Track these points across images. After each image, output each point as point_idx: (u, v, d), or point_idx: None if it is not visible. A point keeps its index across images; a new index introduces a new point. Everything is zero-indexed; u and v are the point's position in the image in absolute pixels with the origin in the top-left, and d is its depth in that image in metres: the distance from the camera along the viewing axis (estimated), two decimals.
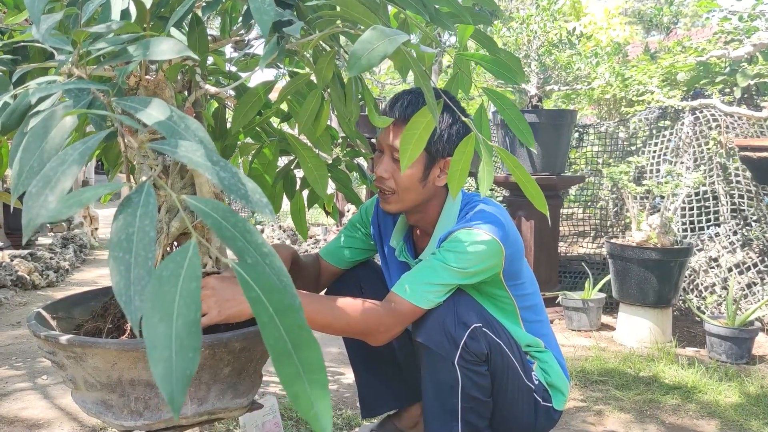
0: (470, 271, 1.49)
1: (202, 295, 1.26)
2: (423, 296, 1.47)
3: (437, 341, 1.48)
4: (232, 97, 1.53)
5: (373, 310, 1.47)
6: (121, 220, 0.53)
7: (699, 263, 3.65)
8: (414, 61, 1.02)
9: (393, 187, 1.57)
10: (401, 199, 1.59)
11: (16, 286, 4.19)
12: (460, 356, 1.46)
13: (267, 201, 0.56)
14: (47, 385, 2.51)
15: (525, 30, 3.70)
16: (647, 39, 9.94)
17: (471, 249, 1.48)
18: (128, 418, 1.24)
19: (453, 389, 1.48)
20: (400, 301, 1.48)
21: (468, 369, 1.47)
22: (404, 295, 1.48)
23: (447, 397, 1.49)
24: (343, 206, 5.74)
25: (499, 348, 1.52)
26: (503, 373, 1.53)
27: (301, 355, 0.52)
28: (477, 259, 1.48)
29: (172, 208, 1.36)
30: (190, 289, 0.50)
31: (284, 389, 0.52)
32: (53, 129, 0.65)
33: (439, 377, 1.49)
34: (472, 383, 1.48)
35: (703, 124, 3.82)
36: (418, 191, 1.57)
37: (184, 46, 0.79)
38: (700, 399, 2.44)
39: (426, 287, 1.48)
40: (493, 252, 1.50)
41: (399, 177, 1.55)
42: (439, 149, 1.54)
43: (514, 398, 1.56)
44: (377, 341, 1.50)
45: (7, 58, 1.16)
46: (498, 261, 1.52)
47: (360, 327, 1.45)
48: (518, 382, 1.56)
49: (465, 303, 1.51)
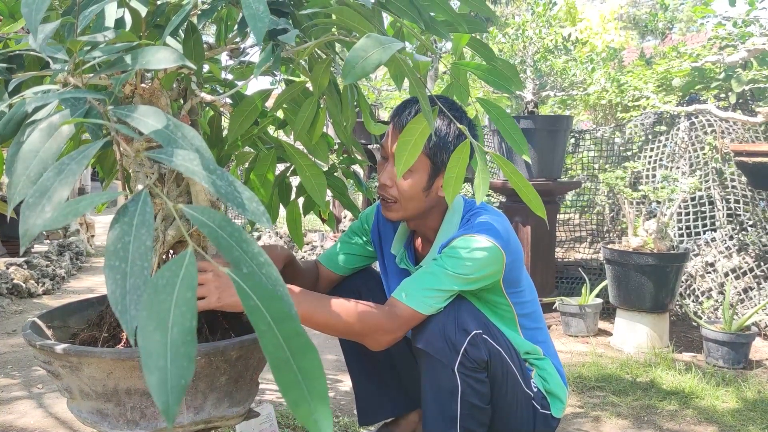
0: (472, 278, 1.49)
1: (203, 278, 1.25)
2: (423, 301, 1.47)
3: (437, 347, 1.47)
4: (228, 104, 1.53)
5: (373, 312, 1.47)
6: (117, 229, 0.53)
7: (695, 268, 3.66)
8: (409, 68, 1.03)
9: (396, 196, 1.57)
10: (403, 208, 1.58)
11: (12, 294, 4.18)
12: (460, 363, 1.46)
13: (264, 209, 0.57)
14: (43, 394, 2.50)
15: (521, 36, 3.71)
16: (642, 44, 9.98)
17: (472, 255, 1.48)
18: (124, 427, 1.24)
19: (452, 395, 1.48)
20: (400, 305, 1.47)
21: (468, 376, 1.47)
22: (404, 300, 1.47)
23: (446, 404, 1.48)
24: (340, 213, 5.73)
25: (499, 355, 1.52)
26: (503, 380, 1.53)
27: (300, 363, 0.52)
28: (478, 265, 1.48)
29: (167, 216, 1.36)
30: (186, 299, 0.50)
31: (283, 396, 0.52)
32: (50, 138, 0.65)
33: (439, 383, 1.49)
34: (471, 390, 1.48)
35: (699, 129, 3.83)
36: (420, 200, 1.57)
37: (180, 56, 0.79)
38: (698, 404, 2.44)
39: (426, 293, 1.47)
40: (495, 259, 1.50)
41: (403, 186, 1.55)
42: (445, 160, 1.52)
43: (513, 405, 1.56)
44: (376, 344, 1.49)
45: (2, 67, 1.16)
46: (499, 268, 1.52)
47: (358, 328, 1.44)
48: (517, 390, 1.56)
49: (465, 309, 1.51)
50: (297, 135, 1.43)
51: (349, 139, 1.59)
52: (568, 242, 4.64)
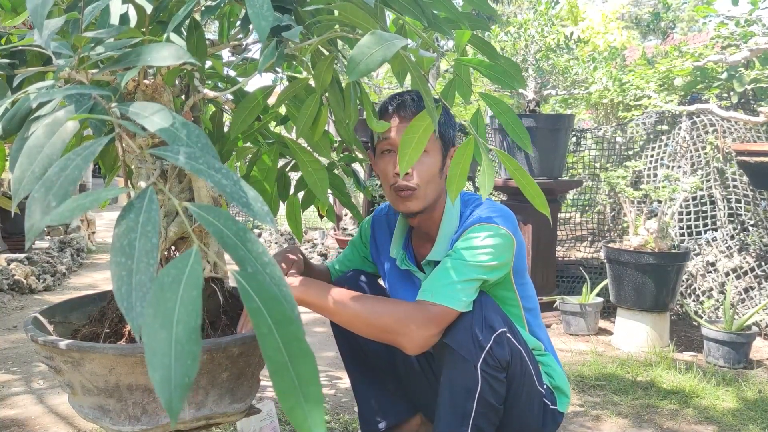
0: (492, 265, 1.48)
1: None
2: (452, 296, 1.44)
3: (463, 343, 1.45)
4: (230, 101, 1.53)
5: (405, 305, 1.46)
6: (123, 226, 0.53)
7: (696, 268, 3.66)
8: (413, 65, 1.02)
9: (417, 183, 1.56)
10: (424, 194, 1.57)
11: (13, 290, 4.18)
12: (484, 361, 1.44)
13: (268, 210, 0.56)
14: (44, 390, 2.50)
15: (523, 35, 3.71)
16: (644, 44, 9.98)
17: (488, 243, 1.48)
18: (126, 423, 1.24)
19: (470, 393, 1.45)
20: (430, 304, 1.45)
21: (489, 374, 1.45)
22: (433, 299, 1.45)
23: (462, 400, 1.47)
24: (341, 210, 5.72)
25: (520, 355, 1.51)
26: (521, 380, 1.52)
27: (297, 368, 0.52)
28: (497, 252, 1.48)
29: (169, 212, 1.36)
30: (192, 297, 0.50)
31: (279, 401, 0.52)
32: (55, 134, 0.65)
33: (459, 379, 1.47)
34: (489, 389, 1.46)
35: (701, 128, 3.83)
36: (438, 183, 1.58)
37: (185, 52, 0.79)
38: (698, 404, 2.44)
39: (453, 287, 1.45)
40: (509, 245, 1.51)
41: (422, 170, 1.55)
42: (452, 137, 1.56)
43: (527, 404, 1.55)
44: (411, 344, 1.44)
45: (4, 63, 1.16)
46: (511, 255, 1.53)
47: (391, 320, 1.41)
48: (532, 389, 1.55)
49: (491, 307, 1.50)
50: (300, 132, 1.43)
51: (351, 137, 1.59)
52: (569, 241, 4.64)
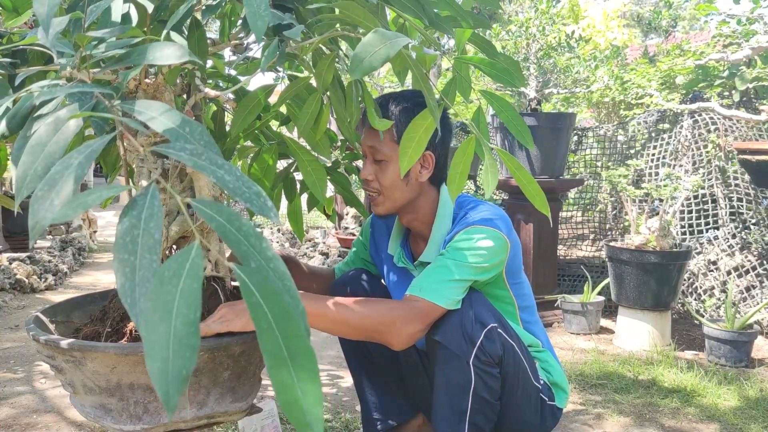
0: (484, 266, 1.49)
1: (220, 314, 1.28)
2: (441, 293, 1.46)
3: (454, 340, 1.46)
4: (231, 100, 1.53)
5: (390, 306, 1.47)
6: (126, 223, 0.53)
7: (698, 266, 3.65)
8: (414, 63, 1.02)
9: (378, 188, 1.60)
10: (388, 198, 1.60)
11: (15, 289, 4.19)
12: (476, 356, 1.45)
13: (272, 204, 0.57)
14: (45, 389, 2.50)
15: (524, 33, 3.70)
16: (646, 42, 9.97)
17: (480, 245, 1.49)
18: (127, 422, 1.24)
19: (464, 389, 1.47)
20: (418, 299, 1.46)
21: (482, 370, 1.46)
22: (421, 294, 1.46)
23: (458, 397, 1.48)
24: (342, 209, 5.72)
25: (512, 349, 1.52)
26: (515, 375, 1.53)
27: (297, 365, 0.51)
28: (488, 254, 1.50)
29: (171, 211, 1.36)
30: (192, 289, 0.50)
31: (276, 397, 0.51)
32: (57, 132, 0.65)
33: (452, 376, 1.48)
34: (483, 384, 1.47)
35: (702, 127, 3.82)
36: (402, 189, 1.59)
37: (186, 51, 0.79)
38: (700, 402, 2.44)
39: (442, 285, 1.46)
40: (501, 248, 1.52)
41: (382, 177, 1.58)
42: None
43: (523, 400, 1.56)
44: (398, 340, 1.44)
45: (6, 62, 1.16)
46: (504, 257, 1.54)
47: (376, 320, 1.42)
48: (527, 384, 1.56)
49: (482, 303, 1.51)
50: (301, 131, 1.43)
51: (353, 136, 1.60)
52: (571, 240, 4.63)
